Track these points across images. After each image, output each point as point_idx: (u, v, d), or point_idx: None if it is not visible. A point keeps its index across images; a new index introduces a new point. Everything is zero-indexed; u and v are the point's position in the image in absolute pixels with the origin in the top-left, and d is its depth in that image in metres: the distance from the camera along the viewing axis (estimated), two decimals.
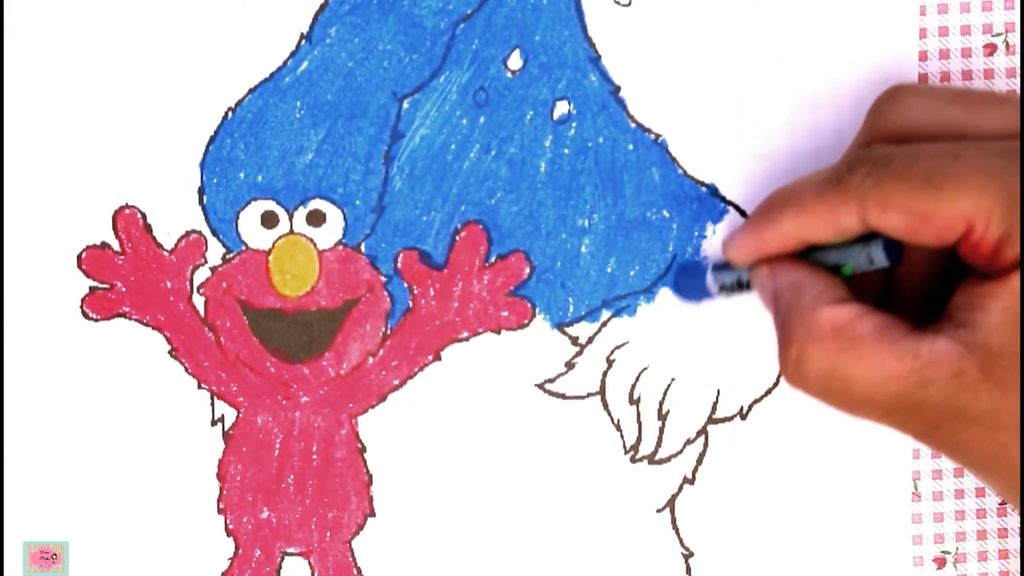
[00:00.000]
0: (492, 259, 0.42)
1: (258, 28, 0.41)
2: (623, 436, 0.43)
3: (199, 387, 0.42)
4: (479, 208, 0.42)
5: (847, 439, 0.43)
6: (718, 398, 0.43)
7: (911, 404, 0.32)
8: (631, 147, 0.42)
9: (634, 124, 0.42)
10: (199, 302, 0.42)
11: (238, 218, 0.42)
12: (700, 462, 0.43)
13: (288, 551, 0.43)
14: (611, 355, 0.43)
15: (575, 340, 0.43)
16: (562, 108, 0.42)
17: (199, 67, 0.41)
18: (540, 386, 0.43)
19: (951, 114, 0.34)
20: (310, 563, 0.43)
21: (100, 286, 0.42)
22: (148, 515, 0.42)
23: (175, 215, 0.42)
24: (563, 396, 0.43)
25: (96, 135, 0.41)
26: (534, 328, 0.43)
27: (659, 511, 0.43)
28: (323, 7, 0.41)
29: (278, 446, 0.43)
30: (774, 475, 0.43)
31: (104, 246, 0.42)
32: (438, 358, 0.43)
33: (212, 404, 0.42)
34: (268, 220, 0.42)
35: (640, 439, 0.43)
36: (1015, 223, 0.30)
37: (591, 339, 0.43)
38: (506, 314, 0.42)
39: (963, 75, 0.42)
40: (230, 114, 0.41)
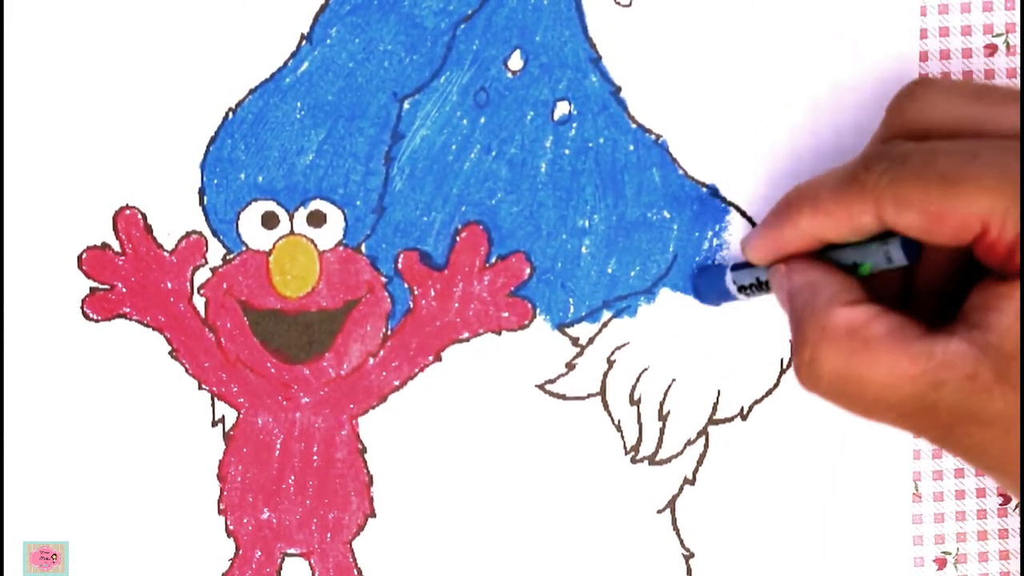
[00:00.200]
0: (493, 260, 0.42)
1: (258, 28, 0.41)
2: (623, 437, 0.43)
3: (199, 388, 0.42)
4: (480, 209, 0.42)
5: (848, 440, 0.43)
6: (719, 399, 0.43)
7: (924, 406, 0.31)
8: (632, 148, 0.42)
9: (635, 125, 0.42)
10: (199, 303, 0.42)
11: (238, 219, 0.42)
12: (701, 463, 0.43)
13: (288, 552, 0.43)
14: (612, 356, 0.43)
15: (576, 341, 0.43)
16: (563, 109, 0.42)
17: (199, 68, 0.41)
18: (541, 387, 0.43)
19: (972, 112, 0.34)
20: (310, 564, 0.43)
21: (100, 287, 0.42)
22: (148, 515, 0.42)
23: (175, 216, 0.42)
24: (563, 397, 0.43)
25: (97, 136, 0.41)
26: (534, 329, 0.43)
27: (660, 512, 0.43)
28: (323, 7, 0.41)
29: (278, 447, 0.43)
30: (775, 476, 0.43)
31: (104, 247, 0.42)
32: (439, 359, 0.43)
33: (212, 405, 0.42)
34: (268, 221, 0.42)
35: (641, 440, 0.43)
36: None
37: (592, 340, 0.43)
38: (507, 315, 0.42)
39: (963, 76, 0.42)
40: (230, 115, 0.41)
